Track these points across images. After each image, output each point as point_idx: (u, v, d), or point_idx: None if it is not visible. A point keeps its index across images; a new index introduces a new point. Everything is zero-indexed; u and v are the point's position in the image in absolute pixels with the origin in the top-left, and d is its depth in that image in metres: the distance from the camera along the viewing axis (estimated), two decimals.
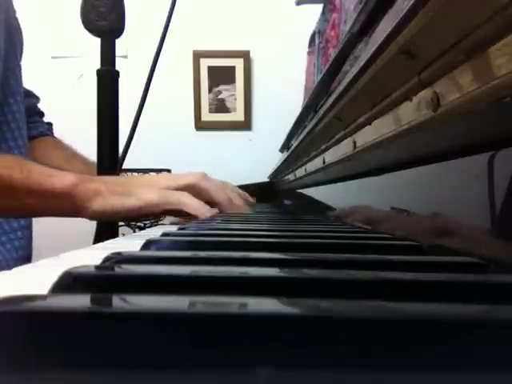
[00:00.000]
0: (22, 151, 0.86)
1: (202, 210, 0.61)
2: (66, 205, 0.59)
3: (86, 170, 0.81)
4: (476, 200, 0.28)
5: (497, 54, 0.22)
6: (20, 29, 0.93)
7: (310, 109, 0.82)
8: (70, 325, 0.11)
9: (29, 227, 0.91)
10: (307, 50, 1.28)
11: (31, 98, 1.01)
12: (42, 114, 1.06)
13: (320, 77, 0.69)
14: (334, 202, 0.69)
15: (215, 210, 0.66)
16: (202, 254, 0.25)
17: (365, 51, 0.39)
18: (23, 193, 0.58)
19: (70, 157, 0.98)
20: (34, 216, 0.61)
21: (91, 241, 0.73)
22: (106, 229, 0.73)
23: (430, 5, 0.25)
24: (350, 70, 0.44)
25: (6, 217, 0.64)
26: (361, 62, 0.38)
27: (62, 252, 0.29)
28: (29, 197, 0.59)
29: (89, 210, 0.59)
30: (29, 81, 1.03)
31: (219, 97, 2.00)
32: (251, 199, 0.92)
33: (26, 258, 0.89)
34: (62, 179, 0.59)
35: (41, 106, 1.06)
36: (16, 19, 0.91)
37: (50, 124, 1.06)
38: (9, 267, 0.22)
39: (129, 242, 0.38)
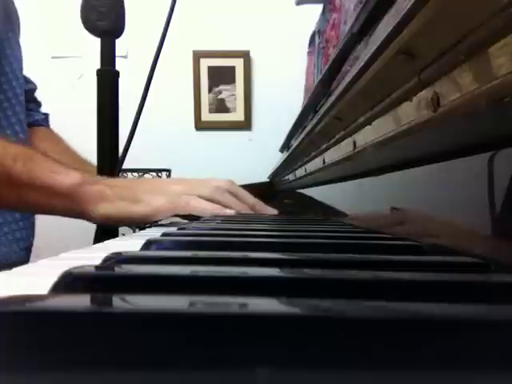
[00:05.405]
0: (20, 137, 0.85)
1: (212, 212, 0.59)
2: (68, 205, 0.57)
3: (81, 168, 0.80)
4: (476, 200, 0.28)
5: (497, 54, 0.22)
6: (17, 14, 0.92)
7: (309, 109, 0.82)
8: (69, 325, 0.11)
9: (29, 217, 0.90)
10: (307, 50, 1.28)
11: (28, 83, 0.99)
12: (39, 104, 1.03)
13: (320, 77, 0.69)
14: (334, 202, 0.69)
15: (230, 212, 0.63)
16: (201, 253, 0.25)
17: (365, 51, 0.39)
18: (23, 187, 0.56)
19: (64, 152, 0.92)
20: (41, 213, 0.60)
21: (91, 241, 0.73)
22: (106, 229, 0.73)
23: (430, 5, 0.25)
24: (350, 70, 0.44)
25: (10, 209, 0.63)
26: (361, 62, 0.38)
27: (62, 252, 0.29)
28: (30, 192, 0.57)
29: (93, 214, 0.58)
30: None
31: (219, 97, 2.00)
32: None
33: (28, 248, 0.89)
34: (65, 178, 0.57)
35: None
36: (13, 3, 0.90)
37: (46, 115, 1.03)
38: (11, 259, 0.22)
39: (129, 242, 0.38)
